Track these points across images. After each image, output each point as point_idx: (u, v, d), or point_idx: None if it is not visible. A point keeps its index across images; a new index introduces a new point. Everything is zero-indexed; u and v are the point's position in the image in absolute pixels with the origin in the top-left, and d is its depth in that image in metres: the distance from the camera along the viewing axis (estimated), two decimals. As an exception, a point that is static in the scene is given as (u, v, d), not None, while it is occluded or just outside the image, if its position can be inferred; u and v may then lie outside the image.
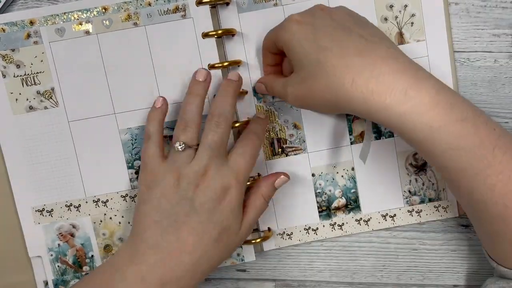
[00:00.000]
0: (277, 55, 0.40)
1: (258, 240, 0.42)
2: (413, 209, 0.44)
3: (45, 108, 0.40)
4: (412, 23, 0.42)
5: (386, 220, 0.44)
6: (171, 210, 0.35)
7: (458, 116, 0.31)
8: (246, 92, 0.42)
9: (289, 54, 0.36)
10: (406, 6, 0.41)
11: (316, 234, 0.44)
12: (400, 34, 0.42)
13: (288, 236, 0.44)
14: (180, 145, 0.36)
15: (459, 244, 0.45)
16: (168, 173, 0.36)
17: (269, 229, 0.44)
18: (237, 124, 0.41)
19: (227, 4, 0.40)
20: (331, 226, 0.44)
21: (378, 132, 0.43)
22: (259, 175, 0.43)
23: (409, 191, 0.44)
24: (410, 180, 0.44)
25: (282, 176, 0.40)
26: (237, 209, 0.37)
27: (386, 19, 0.41)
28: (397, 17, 0.41)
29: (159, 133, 0.38)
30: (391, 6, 0.41)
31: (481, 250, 0.44)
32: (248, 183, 0.39)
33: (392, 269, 0.45)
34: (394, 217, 0.44)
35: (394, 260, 0.45)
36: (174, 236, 0.35)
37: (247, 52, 0.41)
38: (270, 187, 0.40)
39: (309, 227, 0.44)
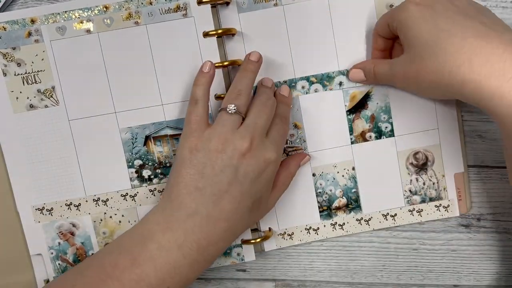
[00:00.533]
0: (388, 40, 0.40)
1: (259, 240, 0.42)
2: (413, 209, 0.44)
3: (46, 106, 0.40)
4: (412, 23, 0.42)
5: (387, 220, 0.44)
6: (214, 177, 0.35)
7: None
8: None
9: (403, 33, 0.36)
10: (407, 5, 0.41)
11: (317, 234, 0.44)
12: (401, 34, 0.42)
13: (289, 236, 0.44)
14: (233, 107, 0.36)
15: (459, 244, 0.45)
16: (214, 137, 0.36)
17: (269, 229, 0.44)
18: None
19: (227, 4, 0.40)
20: (332, 226, 0.44)
21: (379, 132, 0.43)
22: None
23: (410, 191, 0.44)
24: (411, 180, 0.44)
25: (307, 157, 0.42)
26: (270, 182, 0.38)
27: (386, 19, 0.42)
28: (397, 16, 0.42)
29: (206, 97, 0.38)
30: (391, 6, 0.41)
31: (481, 250, 0.45)
32: None
33: (392, 269, 0.45)
34: (395, 217, 0.44)
35: (394, 260, 0.45)
36: (215, 205, 0.35)
37: (247, 52, 0.41)
38: (297, 166, 0.42)
39: (310, 227, 0.44)
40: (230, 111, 0.36)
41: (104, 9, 0.40)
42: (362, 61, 0.42)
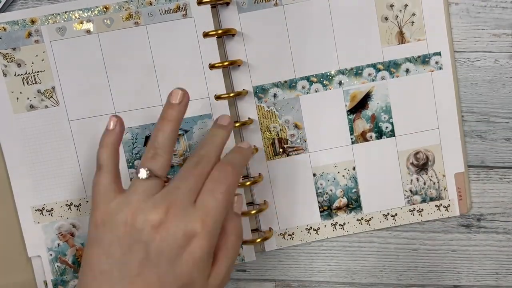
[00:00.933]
0: None
1: (259, 240, 0.42)
2: (414, 208, 0.44)
3: (46, 107, 0.40)
4: (412, 22, 0.42)
5: (387, 220, 0.44)
6: (122, 257, 0.29)
7: None
8: (246, 92, 0.42)
9: None
10: (407, 5, 0.41)
11: (318, 234, 0.44)
12: (401, 33, 0.42)
13: (290, 236, 0.44)
14: (146, 172, 0.31)
15: (459, 244, 0.45)
16: (123, 207, 0.30)
17: (270, 229, 0.43)
18: (237, 124, 0.41)
19: (227, 4, 0.40)
20: (333, 226, 0.44)
21: (379, 131, 0.43)
22: (259, 175, 0.43)
23: (410, 191, 0.44)
24: (411, 180, 0.43)
25: (237, 197, 0.35)
26: (202, 262, 0.30)
27: (386, 18, 0.42)
28: (397, 16, 0.42)
29: (113, 160, 0.32)
30: (392, 6, 0.41)
31: (481, 250, 0.45)
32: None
33: (392, 269, 0.45)
34: (395, 217, 0.44)
35: (394, 260, 0.45)
36: None
37: (248, 52, 0.41)
38: (238, 217, 0.35)
39: (311, 227, 0.44)
40: (141, 177, 0.31)
41: (104, 9, 0.39)
42: None
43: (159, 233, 0.29)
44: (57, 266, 0.42)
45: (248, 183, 0.42)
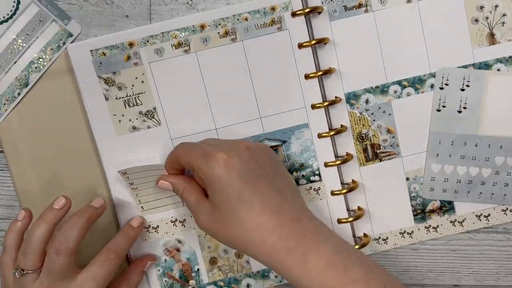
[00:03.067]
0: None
1: (357, 246, 0.43)
2: (507, 208, 0.44)
3: (148, 127, 0.41)
4: (503, 23, 0.41)
5: (480, 220, 0.44)
6: None
7: (353, 276, 0.34)
8: (340, 100, 0.42)
9: (209, 192, 0.36)
10: (497, 6, 0.41)
11: (411, 238, 0.44)
12: (491, 35, 0.42)
13: (384, 241, 0.44)
14: (16, 273, 0.37)
15: (459, 244, 0.45)
16: None
17: (365, 234, 0.44)
18: (332, 133, 0.41)
19: (319, 13, 0.41)
20: (426, 229, 0.44)
21: (473, 132, 0.43)
22: (353, 181, 0.43)
23: (503, 190, 0.44)
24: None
25: (149, 262, 0.42)
26: None
27: (476, 20, 0.41)
28: (487, 17, 0.41)
29: (16, 246, 0.38)
30: (482, 7, 0.41)
31: (481, 250, 0.44)
32: None
33: (392, 269, 0.45)
34: (489, 217, 0.44)
35: (394, 260, 0.45)
36: None
37: (340, 60, 0.41)
38: (140, 274, 0.41)
39: (404, 231, 0.44)
40: (16, 276, 0.37)
41: (201, 28, 0.40)
42: (173, 175, 0.39)
43: None
44: (165, 281, 0.43)
45: (344, 191, 0.42)
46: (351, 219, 0.43)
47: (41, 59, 0.40)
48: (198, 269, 0.43)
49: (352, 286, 0.34)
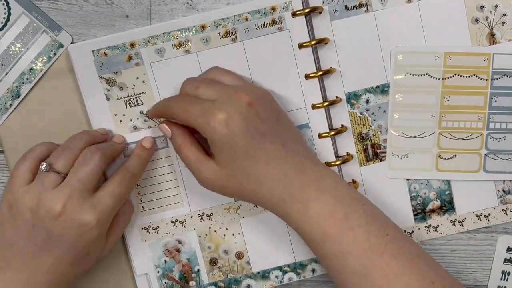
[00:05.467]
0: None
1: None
2: (507, 208, 0.44)
3: (149, 127, 0.41)
4: (503, 22, 0.42)
5: (480, 220, 0.44)
6: (28, 236, 0.35)
7: (353, 224, 0.35)
8: (340, 100, 0.42)
9: (214, 151, 0.36)
10: (497, 6, 0.41)
11: (411, 238, 0.44)
12: (491, 35, 0.42)
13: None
14: (44, 166, 0.36)
15: (459, 244, 0.45)
16: (28, 195, 0.35)
17: (353, 180, 0.44)
18: (332, 133, 0.42)
19: (320, 12, 0.41)
20: (426, 229, 0.44)
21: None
22: (354, 181, 0.43)
23: (503, 190, 0.44)
24: (504, 180, 0.43)
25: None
26: (96, 242, 0.37)
27: (477, 20, 0.42)
28: (487, 17, 0.42)
29: (34, 154, 0.37)
30: (482, 7, 0.41)
31: (481, 250, 0.44)
32: None
33: None
34: (489, 217, 0.44)
35: None
36: (33, 259, 0.35)
37: (340, 59, 0.42)
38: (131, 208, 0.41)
39: (404, 231, 0.44)
40: (42, 170, 0.36)
41: (201, 28, 0.40)
42: (177, 124, 0.38)
43: (58, 223, 0.35)
44: (165, 282, 0.43)
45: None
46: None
47: (32, 70, 0.40)
48: (198, 270, 0.43)
49: (351, 233, 0.34)
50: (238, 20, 0.40)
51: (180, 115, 0.36)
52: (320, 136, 0.42)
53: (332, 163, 0.42)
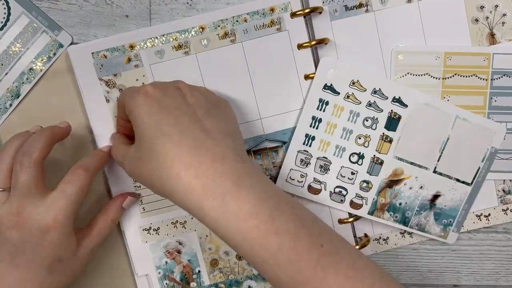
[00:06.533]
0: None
1: (358, 247, 0.43)
2: (507, 208, 0.44)
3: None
4: (503, 22, 0.41)
5: (480, 220, 0.44)
6: None
7: (278, 228, 0.30)
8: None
9: (133, 126, 0.34)
10: (497, 6, 0.41)
11: (411, 238, 0.44)
12: (491, 35, 0.42)
13: (384, 241, 0.44)
14: None
15: (459, 244, 0.45)
16: None
17: (365, 235, 0.44)
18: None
19: (320, 13, 0.41)
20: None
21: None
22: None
23: (503, 190, 0.44)
24: (504, 180, 0.43)
25: (129, 197, 0.40)
26: (62, 244, 0.35)
27: (477, 20, 0.41)
28: (487, 17, 0.41)
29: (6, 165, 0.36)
30: (482, 7, 0.41)
31: (481, 250, 0.45)
32: None
33: (392, 269, 0.45)
34: (489, 217, 0.44)
35: (394, 260, 0.45)
36: (7, 275, 0.34)
37: (340, 59, 0.41)
38: (118, 210, 0.40)
39: (404, 231, 0.44)
40: None
41: (201, 30, 0.40)
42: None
43: (18, 231, 0.34)
44: (166, 283, 0.43)
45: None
46: (351, 219, 0.43)
47: (32, 70, 0.40)
48: (199, 271, 0.43)
49: (276, 238, 0.30)
50: (237, 21, 0.40)
51: (119, 103, 0.37)
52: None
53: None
